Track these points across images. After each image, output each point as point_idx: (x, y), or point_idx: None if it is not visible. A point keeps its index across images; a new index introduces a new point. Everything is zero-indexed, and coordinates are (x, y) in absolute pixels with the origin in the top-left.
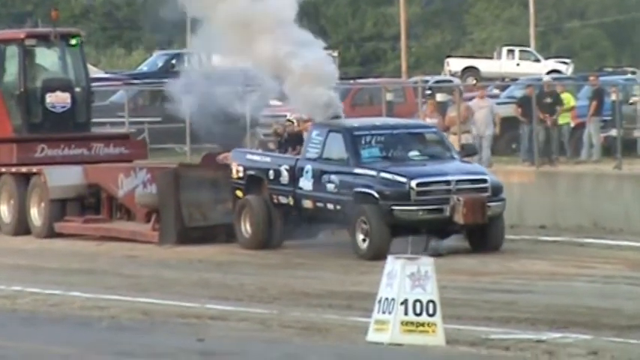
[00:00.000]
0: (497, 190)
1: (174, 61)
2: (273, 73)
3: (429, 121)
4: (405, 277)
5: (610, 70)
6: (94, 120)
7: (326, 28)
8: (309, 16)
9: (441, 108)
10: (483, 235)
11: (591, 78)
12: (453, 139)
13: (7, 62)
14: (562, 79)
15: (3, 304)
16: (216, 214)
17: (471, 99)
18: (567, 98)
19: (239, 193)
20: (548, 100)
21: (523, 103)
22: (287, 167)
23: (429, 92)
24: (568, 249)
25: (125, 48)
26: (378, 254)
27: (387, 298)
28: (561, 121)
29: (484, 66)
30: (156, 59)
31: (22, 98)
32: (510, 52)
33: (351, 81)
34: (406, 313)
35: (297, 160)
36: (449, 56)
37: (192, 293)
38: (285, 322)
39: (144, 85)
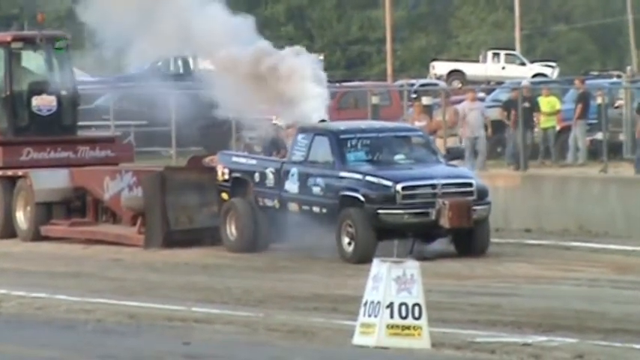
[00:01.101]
0: (482, 194)
1: (160, 64)
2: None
3: (416, 124)
4: (391, 281)
5: (596, 73)
6: (80, 123)
7: (312, 32)
8: (295, 20)
9: (428, 111)
10: (469, 238)
11: (577, 81)
12: (440, 143)
13: None
14: (548, 83)
15: None
16: (202, 217)
17: (459, 102)
18: (552, 102)
19: (225, 195)
20: (526, 104)
21: (508, 106)
22: (273, 170)
23: (414, 96)
24: (553, 252)
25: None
26: (363, 257)
27: (372, 302)
28: (547, 124)
29: (469, 69)
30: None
31: (8, 101)
32: (496, 55)
33: (337, 84)
34: (392, 317)
35: (283, 162)
36: (434, 60)
37: (178, 296)
38: (270, 326)
39: (130, 89)
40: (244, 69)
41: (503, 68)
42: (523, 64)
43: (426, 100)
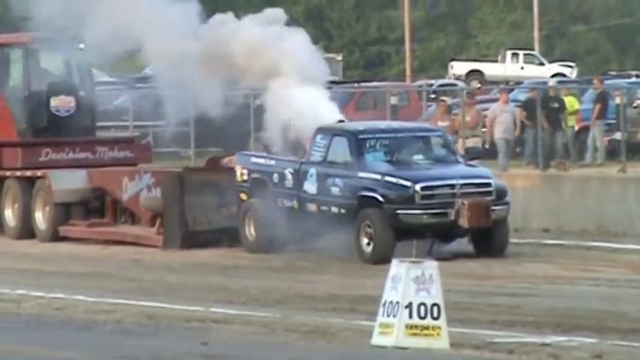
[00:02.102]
0: (501, 194)
1: None
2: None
3: (440, 124)
4: (410, 281)
5: (614, 73)
6: (99, 124)
7: (330, 32)
8: (314, 20)
9: (449, 111)
10: (488, 238)
11: (595, 81)
12: (460, 143)
13: (11, 66)
14: (566, 83)
15: (8, 307)
16: (220, 218)
17: (482, 102)
18: (571, 102)
19: (243, 196)
20: (555, 104)
21: (527, 106)
22: (291, 170)
23: (433, 96)
24: (572, 252)
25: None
26: (382, 258)
27: (391, 302)
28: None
29: (488, 69)
30: None
31: (27, 102)
32: (515, 55)
33: (356, 84)
34: (410, 317)
35: (302, 163)
36: (453, 60)
37: (196, 297)
38: (289, 326)
39: (148, 89)
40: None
41: (522, 68)
42: (542, 64)
43: (449, 100)
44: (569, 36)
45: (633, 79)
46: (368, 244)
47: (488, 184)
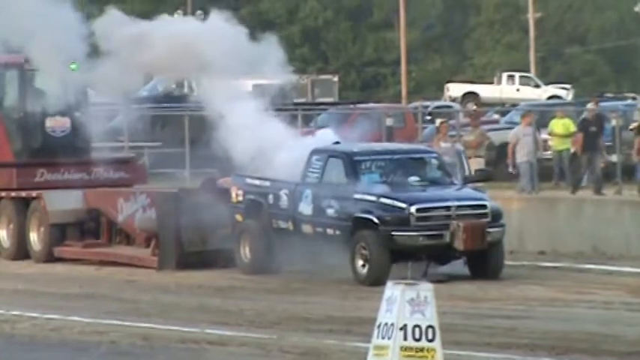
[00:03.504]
0: (497, 216)
1: (174, 86)
2: None
3: (442, 145)
4: (405, 303)
5: (610, 95)
6: (94, 144)
7: (327, 53)
8: (310, 41)
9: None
10: (483, 260)
11: (591, 103)
12: (471, 162)
13: (6, 86)
14: (562, 105)
15: (2, 328)
16: (215, 239)
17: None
18: (567, 124)
19: (239, 217)
20: (593, 128)
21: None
22: (287, 192)
23: (429, 117)
24: (568, 275)
25: None
26: (377, 280)
27: (386, 324)
28: (561, 147)
29: (484, 91)
30: (156, 83)
31: (22, 122)
32: (510, 77)
33: (351, 106)
34: (405, 339)
35: (297, 184)
36: (449, 81)
37: (191, 318)
38: (284, 347)
39: (144, 110)
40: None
41: (518, 90)
42: (538, 86)
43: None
44: (565, 58)
45: (629, 102)
46: (363, 265)
47: (484, 206)
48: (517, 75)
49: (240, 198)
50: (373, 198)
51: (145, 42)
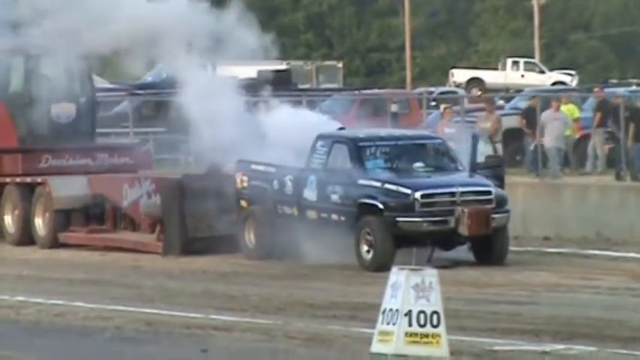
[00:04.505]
0: (501, 202)
1: None
2: None
3: (446, 130)
4: (409, 288)
5: (615, 81)
6: (99, 130)
7: (331, 39)
8: (315, 27)
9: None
10: (488, 246)
11: (596, 89)
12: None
13: (12, 73)
14: (567, 91)
15: (7, 314)
16: (220, 225)
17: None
18: (572, 110)
19: (243, 203)
20: (627, 113)
21: (528, 114)
22: (291, 177)
23: (433, 103)
24: (572, 260)
25: None
26: (382, 265)
27: (391, 309)
28: (566, 132)
29: (489, 77)
30: (160, 70)
31: (28, 109)
32: (515, 63)
33: (356, 92)
34: (410, 324)
35: (302, 170)
36: (453, 67)
37: (196, 304)
38: (289, 333)
39: (149, 96)
40: None
41: (523, 76)
42: (542, 72)
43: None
44: (569, 44)
45: (634, 88)
46: (368, 251)
47: (489, 192)
48: (522, 61)
49: (245, 184)
50: (378, 184)
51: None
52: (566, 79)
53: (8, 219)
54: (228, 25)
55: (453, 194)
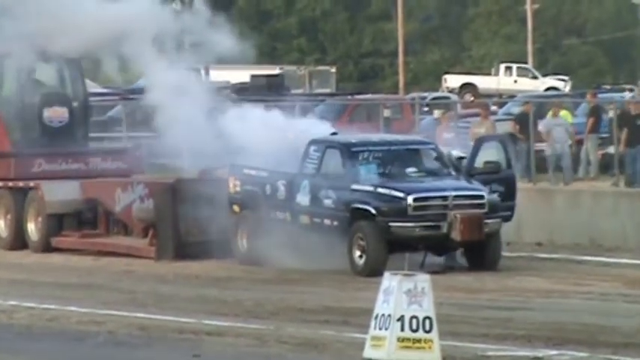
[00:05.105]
0: (494, 207)
1: None
2: None
3: (445, 136)
4: (402, 294)
5: (608, 87)
6: (92, 135)
7: (324, 44)
8: (308, 32)
9: (438, 125)
10: (480, 252)
11: (589, 95)
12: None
13: (5, 77)
14: (560, 96)
15: None
16: (213, 230)
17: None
18: (565, 115)
19: (236, 208)
20: (639, 122)
21: (521, 119)
22: (284, 182)
23: (426, 109)
24: (565, 266)
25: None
26: (374, 270)
27: (383, 315)
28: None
29: (482, 82)
30: None
31: (20, 113)
32: (508, 68)
33: (349, 97)
34: (402, 330)
35: (295, 175)
36: (446, 72)
37: (189, 308)
38: (281, 338)
39: (142, 100)
40: None
41: (516, 81)
42: (535, 77)
43: (438, 113)
44: (562, 49)
45: (627, 93)
46: (360, 256)
47: (481, 197)
48: (515, 66)
49: (238, 188)
50: (370, 188)
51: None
52: (559, 84)
53: (1, 223)
54: (197, 28)
55: (445, 198)
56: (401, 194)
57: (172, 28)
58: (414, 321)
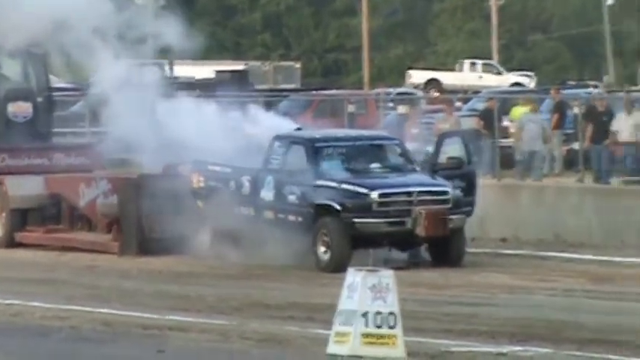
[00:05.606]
0: (458, 203)
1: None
2: None
3: (413, 132)
4: (366, 289)
5: (573, 83)
6: (56, 130)
7: (288, 40)
8: (272, 27)
9: (402, 121)
10: (445, 247)
11: (553, 91)
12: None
13: None
14: (524, 92)
15: None
16: (177, 225)
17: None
18: (524, 111)
19: (200, 203)
20: (604, 118)
21: (485, 115)
22: (249, 178)
23: (391, 104)
24: (529, 262)
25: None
26: (339, 266)
27: (347, 310)
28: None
29: (446, 78)
30: None
31: None
32: (473, 64)
33: (313, 92)
34: (367, 325)
35: (259, 171)
36: (411, 68)
37: (152, 304)
38: (245, 334)
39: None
40: None
41: (480, 77)
42: (500, 73)
43: (402, 109)
44: (527, 45)
45: (591, 89)
46: (325, 252)
47: (446, 193)
48: (479, 62)
49: (202, 184)
50: (335, 184)
51: None
52: (524, 80)
53: None
54: (141, 21)
55: (410, 194)
56: (365, 190)
57: (113, 21)
58: (378, 317)
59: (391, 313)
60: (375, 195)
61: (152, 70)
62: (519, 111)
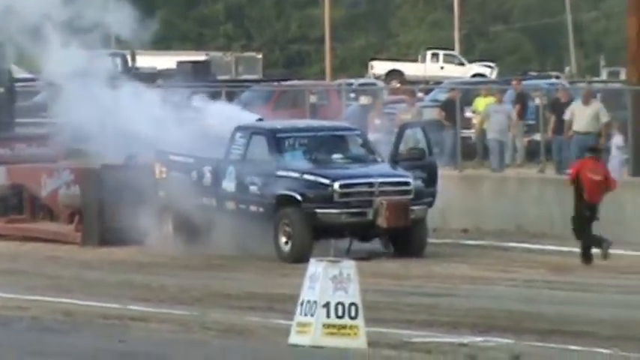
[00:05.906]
0: (419, 194)
1: None
2: None
3: (376, 122)
4: (328, 280)
5: (534, 74)
6: (18, 120)
7: (250, 30)
8: (234, 18)
9: (364, 112)
10: (406, 238)
11: (514, 82)
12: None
13: None
14: (485, 83)
15: None
16: (139, 216)
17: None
18: (491, 102)
19: (162, 194)
20: (566, 109)
21: (447, 106)
22: (210, 168)
23: (353, 95)
24: (490, 253)
25: None
26: (300, 257)
27: (309, 301)
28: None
29: (408, 69)
30: None
31: None
32: (434, 55)
33: (275, 83)
34: (328, 316)
35: (221, 161)
36: (373, 59)
37: (114, 294)
38: (206, 324)
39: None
40: None
41: (442, 68)
42: (462, 64)
43: (364, 100)
44: (489, 36)
45: (553, 80)
46: (286, 242)
47: (407, 183)
48: (441, 53)
49: (164, 175)
50: (296, 175)
51: None
52: (486, 71)
53: None
54: (89, 10)
55: (371, 185)
56: (327, 181)
57: (62, 8)
58: (340, 307)
59: (352, 304)
60: (336, 185)
61: (105, 60)
62: (483, 102)
